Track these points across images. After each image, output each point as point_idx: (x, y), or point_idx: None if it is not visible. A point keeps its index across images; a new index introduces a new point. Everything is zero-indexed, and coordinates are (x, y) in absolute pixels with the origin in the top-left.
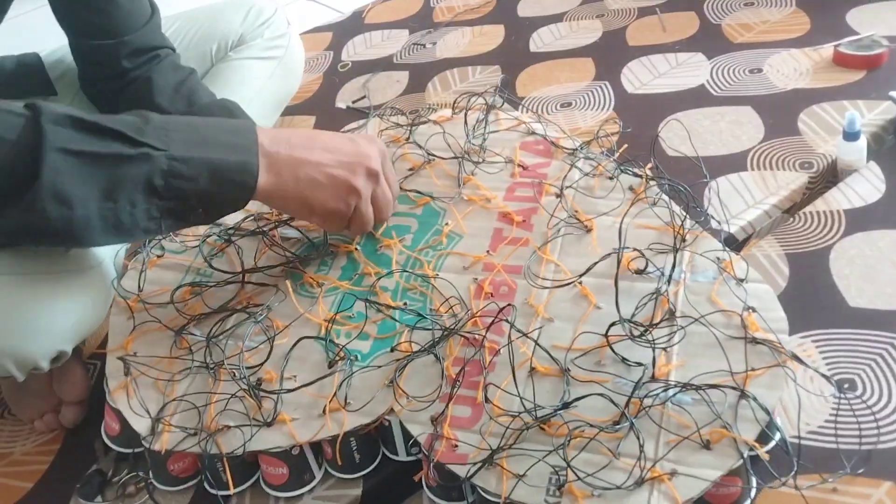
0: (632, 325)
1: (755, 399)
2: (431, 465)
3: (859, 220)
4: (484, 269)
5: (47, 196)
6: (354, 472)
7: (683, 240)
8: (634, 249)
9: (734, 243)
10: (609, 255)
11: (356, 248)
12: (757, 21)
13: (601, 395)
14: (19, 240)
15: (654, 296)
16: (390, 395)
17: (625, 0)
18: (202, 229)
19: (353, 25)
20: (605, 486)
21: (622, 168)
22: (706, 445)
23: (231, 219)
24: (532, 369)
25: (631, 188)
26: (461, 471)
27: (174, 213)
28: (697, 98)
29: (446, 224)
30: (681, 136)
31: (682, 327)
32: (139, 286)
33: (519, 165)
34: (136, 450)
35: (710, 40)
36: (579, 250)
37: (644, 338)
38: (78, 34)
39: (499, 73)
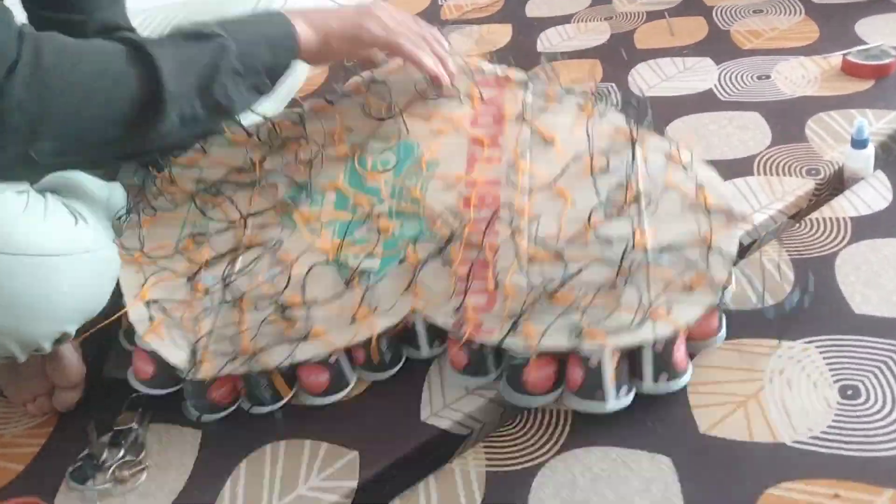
0: (608, 204)
1: (720, 251)
2: (461, 345)
3: (865, 227)
4: (466, 185)
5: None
6: (385, 370)
7: (633, 141)
8: (591, 155)
9: (739, 248)
10: (577, 158)
11: (342, 185)
12: (766, 28)
13: (599, 259)
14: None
15: (622, 184)
16: (411, 297)
17: (633, 3)
18: (189, 186)
19: None
20: (618, 326)
21: (567, 90)
22: (689, 288)
23: (216, 173)
24: (530, 258)
25: (578, 105)
26: (491, 341)
27: (251, 86)
28: (705, 102)
29: (422, 154)
30: (688, 139)
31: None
32: (140, 242)
33: (479, 97)
34: (172, 389)
35: (719, 45)
36: (547, 157)
37: (623, 214)
38: (43, 6)
39: (509, 34)
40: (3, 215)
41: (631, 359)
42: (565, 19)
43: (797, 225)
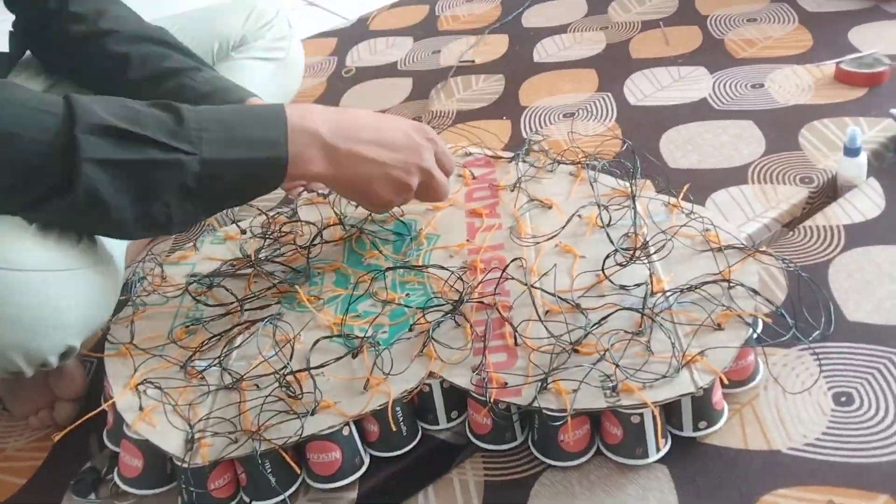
0: (622, 251)
1: (741, 284)
2: (488, 408)
3: (858, 235)
4: (469, 253)
5: (84, 201)
6: (401, 445)
7: (633, 196)
8: (599, 204)
9: None
10: (579, 211)
11: (342, 266)
12: (760, 37)
13: (626, 308)
14: (63, 227)
15: (629, 232)
16: (425, 362)
17: (629, 13)
18: (180, 279)
19: (358, 32)
20: (654, 378)
21: (558, 161)
22: (718, 327)
23: (209, 266)
24: (546, 312)
25: (571, 174)
26: (521, 401)
27: (208, 206)
28: (699, 111)
29: (420, 229)
30: (683, 148)
31: (668, 239)
32: (130, 334)
33: (471, 175)
34: (165, 488)
35: (713, 55)
36: (549, 221)
37: (638, 260)
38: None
39: (502, 82)
40: (8, 232)
41: (667, 406)
42: (561, 29)
43: (791, 233)
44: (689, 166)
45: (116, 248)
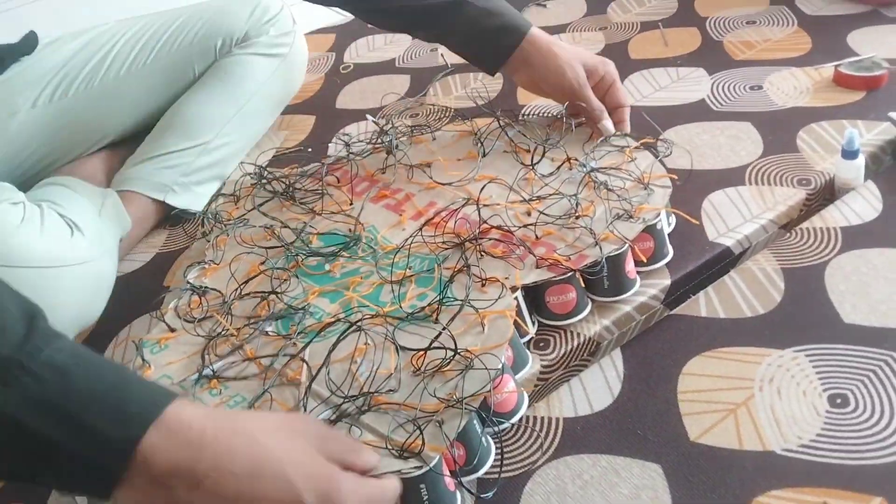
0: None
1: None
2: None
3: (855, 237)
4: (415, 219)
5: None
6: None
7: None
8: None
9: (730, 257)
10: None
11: (320, 288)
12: (758, 39)
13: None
14: None
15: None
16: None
17: (628, 14)
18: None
19: (357, 28)
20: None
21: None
22: (632, 216)
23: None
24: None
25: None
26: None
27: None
28: (697, 112)
29: (351, 230)
30: (678, 150)
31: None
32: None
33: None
34: None
35: (712, 56)
36: (443, 173)
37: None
38: None
39: (500, 80)
40: (1, 229)
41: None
42: (560, 29)
43: (788, 235)
44: (686, 167)
45: (109, 244)
